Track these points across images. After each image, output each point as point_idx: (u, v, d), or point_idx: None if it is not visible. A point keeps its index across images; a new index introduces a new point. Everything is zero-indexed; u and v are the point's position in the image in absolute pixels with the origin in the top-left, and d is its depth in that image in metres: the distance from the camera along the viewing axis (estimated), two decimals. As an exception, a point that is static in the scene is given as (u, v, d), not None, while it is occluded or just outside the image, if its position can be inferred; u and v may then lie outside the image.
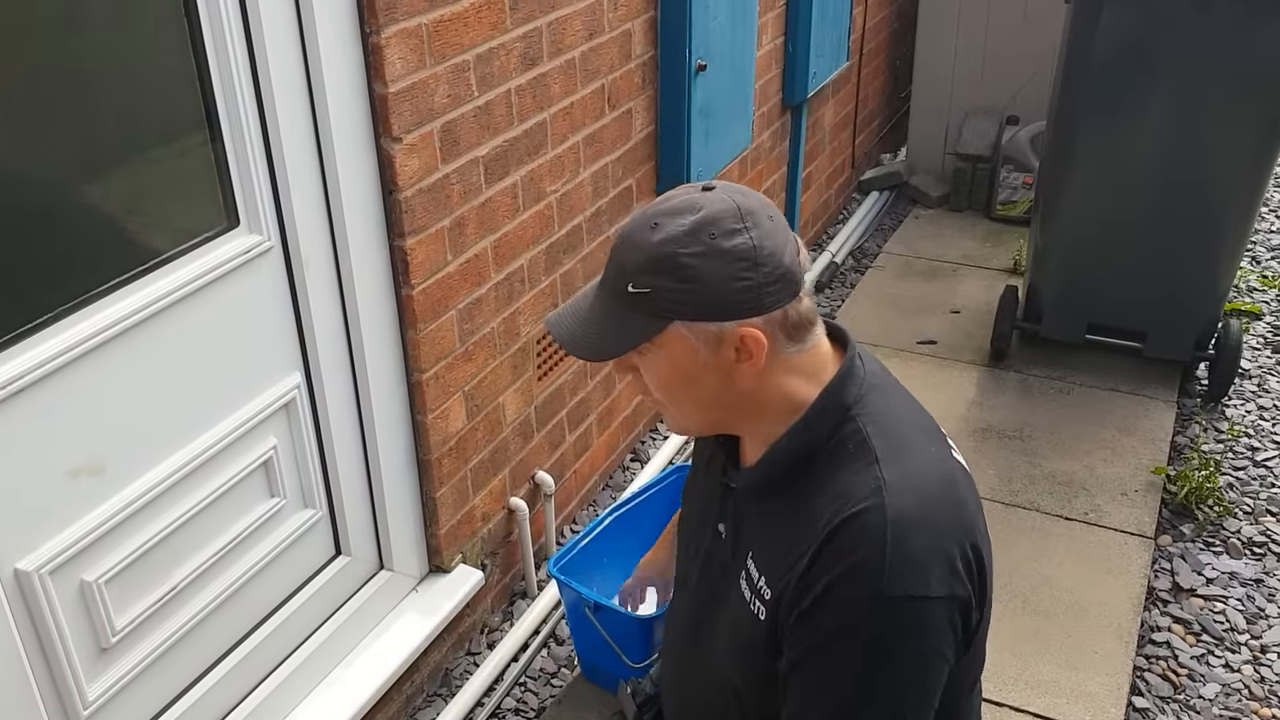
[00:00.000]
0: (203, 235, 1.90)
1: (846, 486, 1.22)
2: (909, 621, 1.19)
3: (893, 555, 1.17)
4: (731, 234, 1.18)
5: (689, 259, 1.18)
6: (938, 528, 1.21)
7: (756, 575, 1.31)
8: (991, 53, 4.91)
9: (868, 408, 1.27)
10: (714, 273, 1.18)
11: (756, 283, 1.19)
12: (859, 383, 1.28)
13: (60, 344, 1.67)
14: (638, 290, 1.20)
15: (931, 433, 1.33)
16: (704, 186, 1.24)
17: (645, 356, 1.25)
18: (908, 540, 1.18)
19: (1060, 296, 3.73)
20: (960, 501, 1.26)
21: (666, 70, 3.01)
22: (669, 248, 1.18)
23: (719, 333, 1.20)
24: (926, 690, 1.23)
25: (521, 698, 2.61)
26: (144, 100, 1.82)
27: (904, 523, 1.19)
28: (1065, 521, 3.11)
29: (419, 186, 2.20)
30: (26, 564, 1.71)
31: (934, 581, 1.19)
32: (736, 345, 1.21)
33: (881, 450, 1.24)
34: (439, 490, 2.49)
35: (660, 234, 1.19)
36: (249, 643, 2.17)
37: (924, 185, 5.16)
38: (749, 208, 1.21)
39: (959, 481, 1.28)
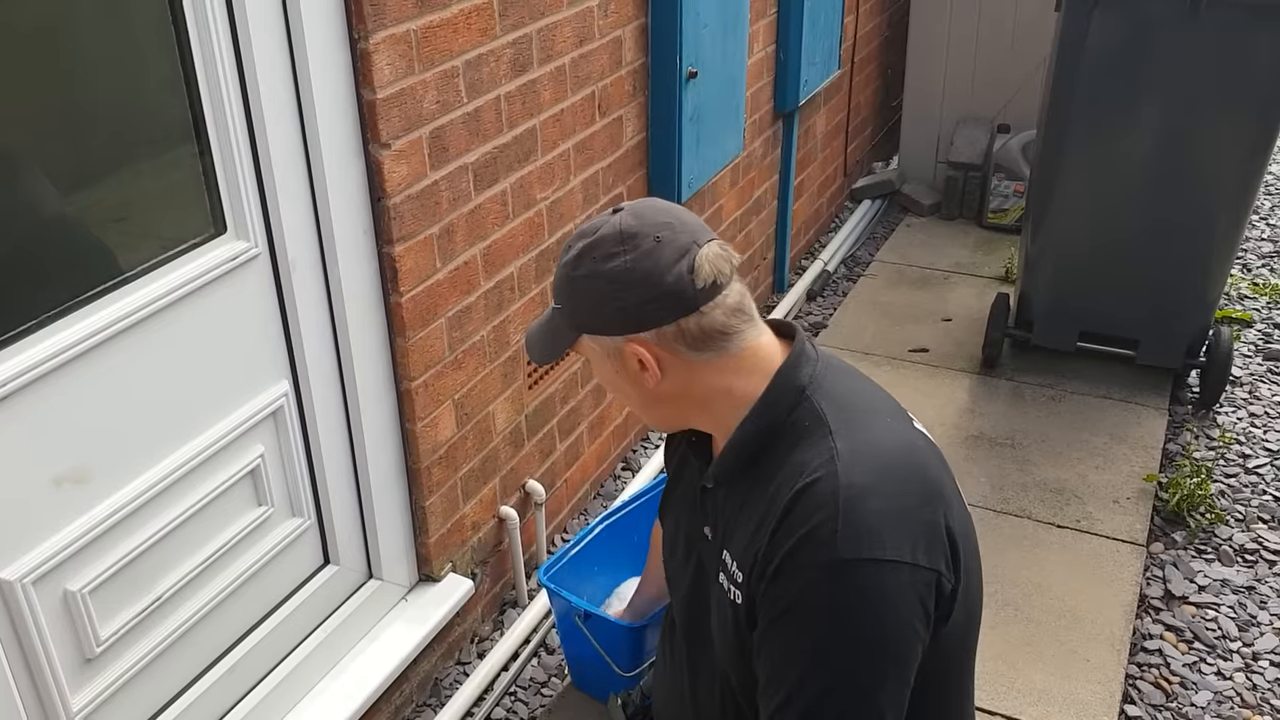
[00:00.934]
0: (189, 242, 1.89)
1: (803, 460, 1.26)
2: (865, 584, 1.20)
3: (845, 520, 1.19)
4: (610, 257, 1.27)
5: (577, 280, 1.30)
6: (894, 493, 1.23)
7: (730, 562, 1.34)
8: (983, 61, 4.93)
9: (822, 385, 1.31)
10: (593, 293, 1.29)
11: (631, 303, 1.27)
12: (811, 364, 1.33)
13: (45, 350, 1.66)
14: (556, 306, 1.35)
15: (889, 407, 1.36)
16: (614, 209, 1.33)
17: (583, 360, 1.40)
18: (860, 505, 1.20)
19: (1052, 304, 3.73)
20: (919, 468, 1.28)
21: (657, 77, 3.00)
22: (566, 270, 1.32)
23: (613, 346, 1.31)
24: (891, 659, 1.22)
25: (512, 707, 2.60)
26: (130, 106, 1.81)
27: (856, 488, 1.21)
28: (1057, 529, 3.11)
29: (407, 193, 2.19)
30: (9, 574, 1.69)
31: (889, 546, 1.20)
32: (635, 357, 1.29)
33: (835, 423, 1.27)
34: (428, 499, 2.48)
35: (566, 256, 1.33)
36: (236, 652, 2.15)
37: (916, 193, 5.17)
38: (633, 231, 1.28)
39: (921, 452, 1.31)
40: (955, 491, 1.31)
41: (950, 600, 1.26)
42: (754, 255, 4.11)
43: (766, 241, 4.22)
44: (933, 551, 1.23)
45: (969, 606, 1.32)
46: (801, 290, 4.39)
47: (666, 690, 1.62)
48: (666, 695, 1.62)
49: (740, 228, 3.90)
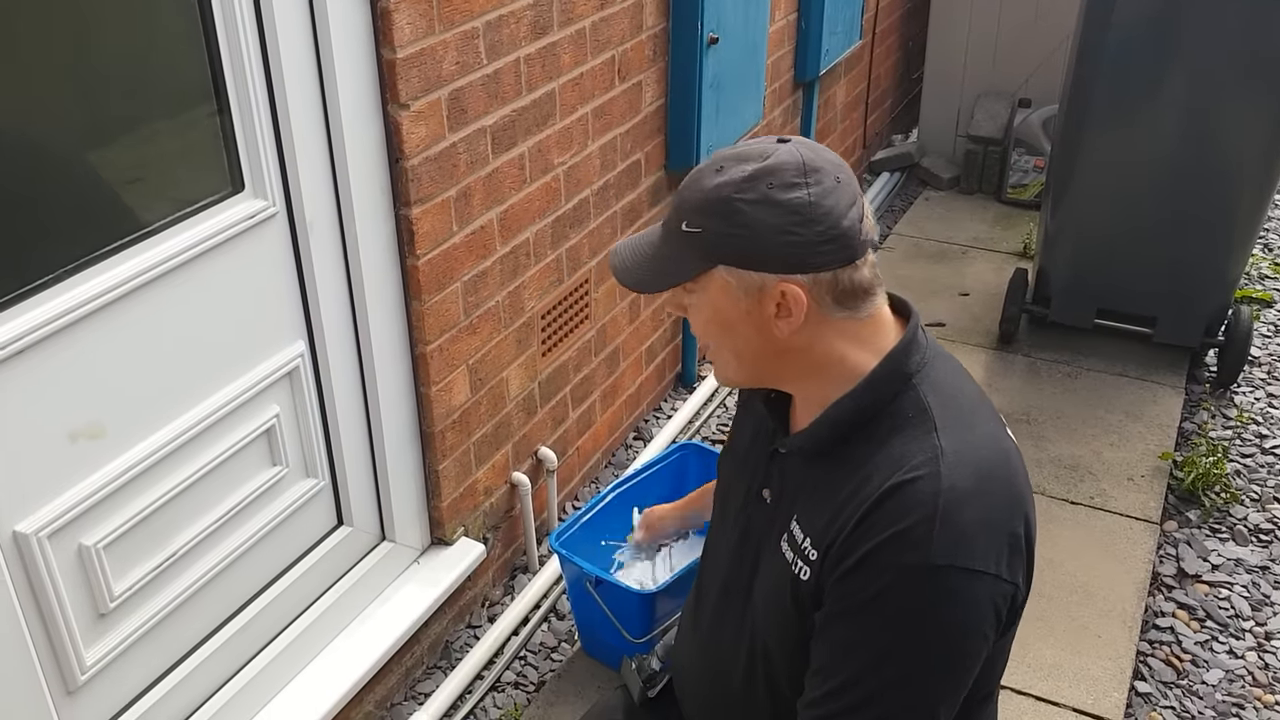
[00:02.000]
0: (207, 199, 1.88)
1: (903, 452, 1.21)
2: (951, 593, 1.17)
3: (942, 525, 1.16)
4: (790, 187, 1.18)
5: (742, 204, 1.19)
6: (991, 503, 1.20)
7: (801, 536, 1.30)
8: (1005, 35, 4.87)
9: (929, 377, 1.26)
10: (764, 222, 1.19)
11: (806, 240, 1.19)
12: (921, 351, 1.28)
13: (62, 305, 1.66)
14: (690, 229, 1.22)
15: (989, 409, 1.32)
16: (779, 139, 1.24)
17: (692, 296, 1.27)
18: (959, 512, 1.17)
19: (1070, 280, 3.71)
20: (1014, 480, 1.24)
21: (678, 43, 2.97)
22: (725, 191, 1.20)
23: (760, 283, 1.21)
24: (958, 667, 1.21)
25: (521, 671, 2.61)
26: (150, 63, 1.79)
27: (957, 492, 1.18)
28: (1071, 505, 3.10)
29: (426, 155, 2.17)
30: (25, 526, 1.69)
31: (980, 556, 1.17)
32: (777, 300, 1.21)
33: (941, 419, 1.23)
34: (442, 463, 2.48)
35: (722, 177, 1.21)
36: (248, 611, 2.16)
37: (935, 167, 5.13)
38: (815, 164, 1.20)
39: (1014, 460, 1.27)
40: (1033, 499, 1.29)
41: (1019, 611, 1.25)
42: (771, 226, 4.08)
43: (783, 212, 4.18)
44: (1014, 564, 1.21)
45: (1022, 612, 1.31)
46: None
47: (689, 649, 1.60)
48: (689, 654, 1.60)
49: (757, 198, 3.87)
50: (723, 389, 3.63)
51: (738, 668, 1.44)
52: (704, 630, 1.52)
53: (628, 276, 1.29)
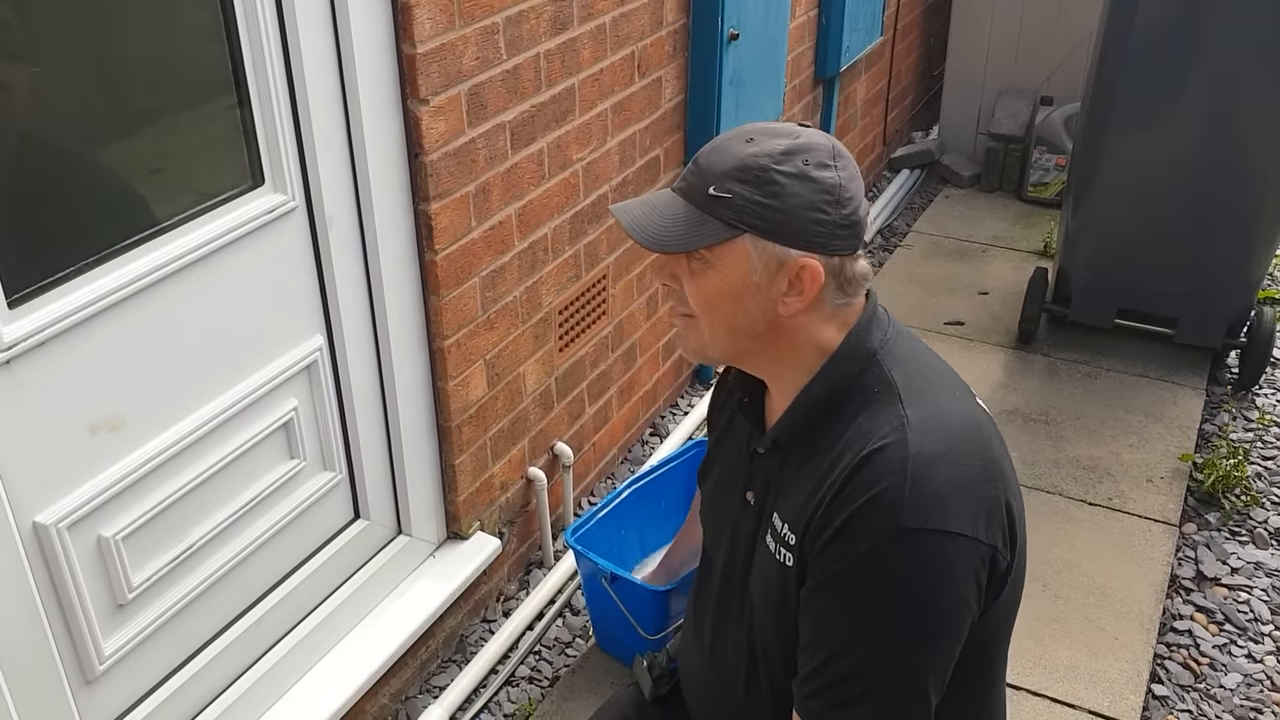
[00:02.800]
0: (227, 193, 1.89)
1: (871, 426, 1.23)
2: (927, 554, 1.18)
3: (913, 488, 1.18)
4: (823, 166, 1.21)
5: (780, 175, 1.20)
6: (961, 466, 1.21)
7: (780, 525, 1.31)
8: (1027, 32, 4.84)
9: (893, 352, 1.28)
10: (799, 196, 1.20)
11: (832, 220, 1.21)
12: (883, 328, 1.30)
13: (83, 298, 1.67)
14: (718, 194, 1.21)
15: (955, 380, 1.33)
16: (800, 124, 1.26)
17: (695, 264, 1.26)
18: (929, 475, 1.18)
19: (1091, 280, 3.68)
20: (985, 444, 1.25)
21: (698, 38, 2.97)
22: (762, 160, 1.20)
23: (781, 257, 1.22)
24: (940, 632, 1.21)
25: (536, 666, 2.61)
26: (172, 57, 1.80)
27: (925, 457, 1.19)
28: (1089, 506, 3.08)
29: (445, 150, 2.18)
30: (45, 518, 1.71)
31: (954, 517, 1.18)
32: (792, 276, 1.22)
33: (905, 391, 1.25)
34: (458, 457, 2.48)
35: (755, 148, 1.21)
36: (265, 603, 2.17)
37: (955, 164, 5.10)
38: (841, 151, 1.24)
39: (986, 428, 1.28)
40: (1013, 471, 1.29)
41: (1004, 577, 1.25)
42: (789, 223, 4.07)
43: (802, 209, 4.17)
44: (992, 527, 1.21)
45: (1017, 585, 1.31)
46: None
47: (693, 656, 1.62)
48: (692, 661, 1.62)
49: (776, 195, 3.86)
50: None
51: (740, 671, 1.45)
52: (705, 638, 1.54)
53: (647, 236, 1.25)
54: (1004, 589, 1.26)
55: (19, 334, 1.59)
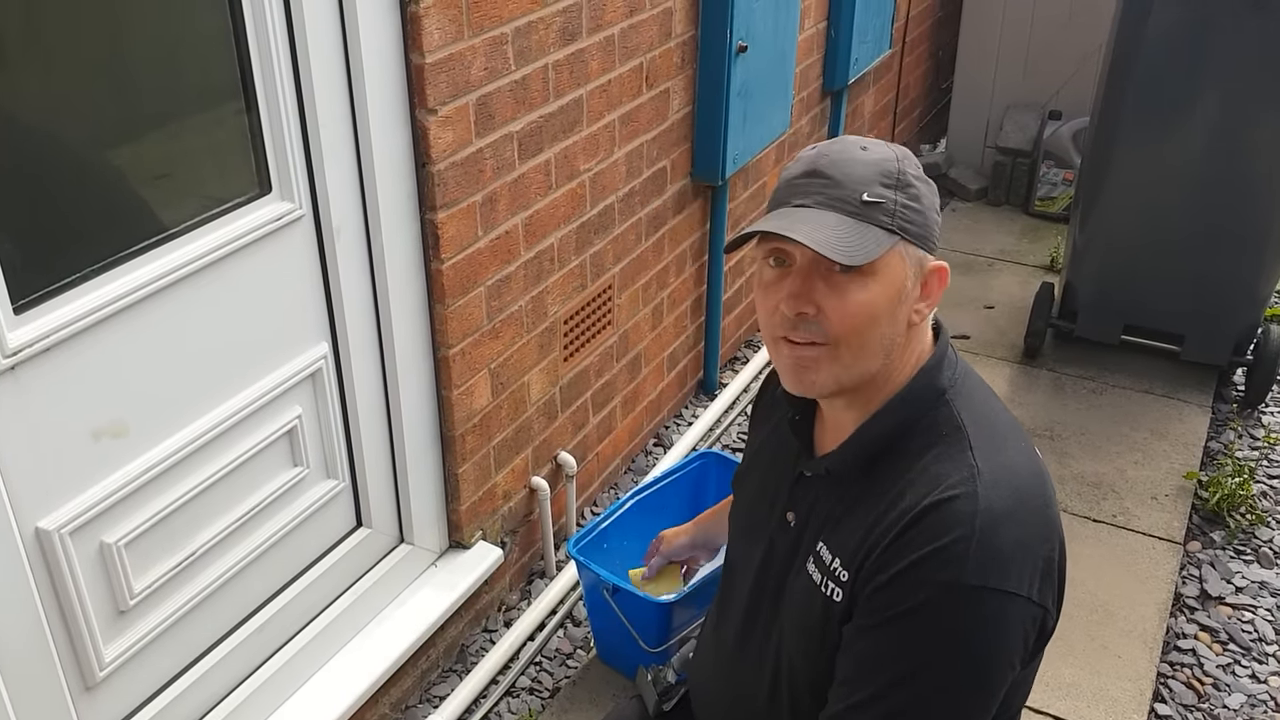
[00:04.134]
0: (234, 201, 1.89)
1: (938, 471, 1.20)
2: (985, 614, 1.16)
3: (980, 544, 1.15)
4: (921, 176, 1.22)
5: (914, 178, 1.20)
6: (1026, 526, 1.19)
7: (829, 558, 1.28)
8: (1036, 46, 4.84)
9: (962, 393, 1.25)
10: (928, 198, 1.21)
11: (936, 224, 1.23)
12: (952, 366, 1.27)
13: (89, 304, 1.67)
14: (872, 199, 1.17)
15: (1020, 431, 1.30)
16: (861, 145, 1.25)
17: (858, 278, 1.17)
18: (996, 533, 1.16)
19: (1097, 295, 3.68)
20: (1048, 504, 1.23)
21: (706, 50, 2.97)
22: (893, 165, 1.18)
23: (922, 261, 1.21)
24: (984, 688, 1.20)
25: (537, 677, 2.61)
26: (180, 64, 1.80)
27: (994, 513, 1.17)
28: (1093, 523, 3.07)
29: (452, 160, 2.18)
30: (48, 523, 1.70)
31: (1014, 578, 1.16)
32: (928, 277, 1.21)
33: (975, 438, 1.21)
34: (461, 466, 2.48)
35: (875, 154, 1.19)
36: (266, 611, 2.17)
37: (962, 178, 5.10)
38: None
39: (1048, 485, 1.26)
40: (1062, 526, 1.28)
41: (1048, 638, 1.24)
42: (796, 234, 4.07)
43: (809, 221, 4.17)
44: (1045, 589, 1.20)
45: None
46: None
47: (710, 670, 1.59)
48: (710, 674, 1.59)
49: (783, 206, 3.86)
50: (744, 396, 3.62)
51: (762, 690, 1.43)
52: (727, 653, 1.51)
53: (836, 250, 1.14)
54: (1044, 645, 1.26)
55: (24, 340, 1.59)
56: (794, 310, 1.19)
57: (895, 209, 1.17)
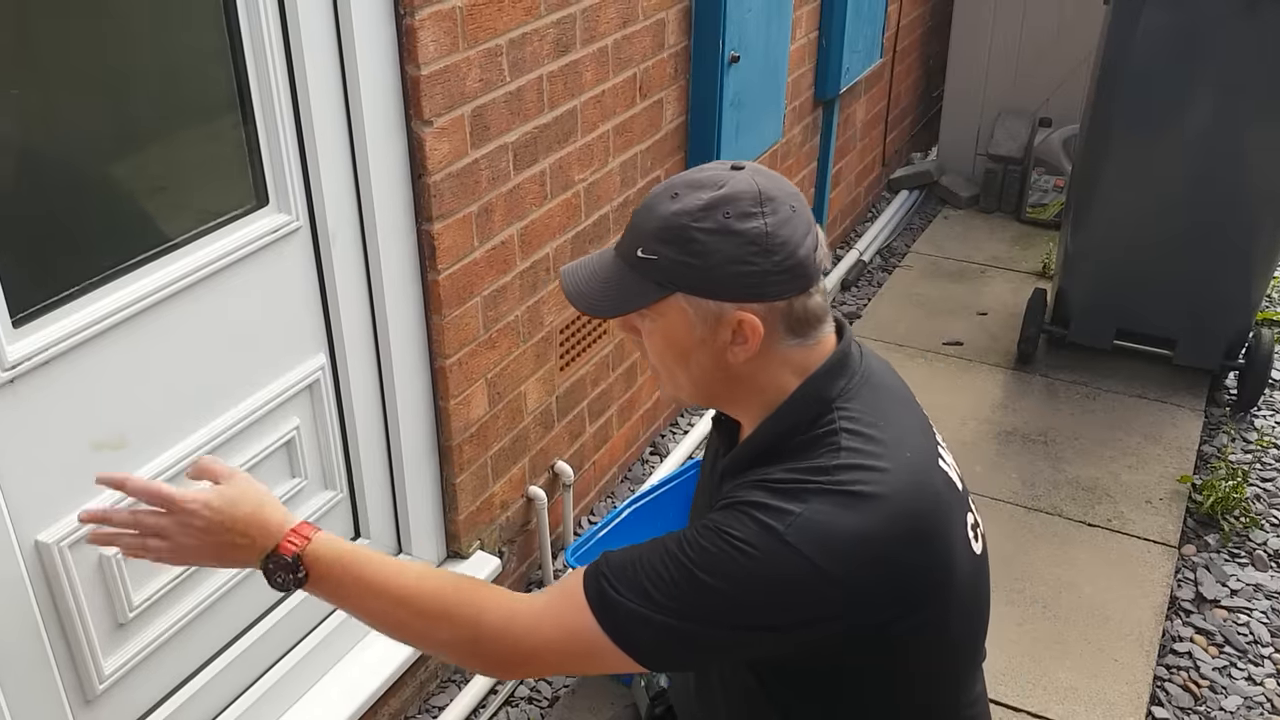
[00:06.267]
0: (231, 213, 1.90)
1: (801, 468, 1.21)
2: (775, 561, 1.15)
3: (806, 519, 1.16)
4: (746, 216, 1.18)
5: (699, 233, 1.18)
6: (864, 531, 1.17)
7: None
8: (1026, 53, 4.87)
9: (851, 402, 1.25)
10: (721, 251, 1.18)
11: (762, 269, 1.19)
12: (849, 376, 1.27)
13: (86, 317, 1.67)
14: (645, 255, 1.21)
15: (914, 442, 1.28)
16: (733, 165, 1.23)
17: (646, 322, 1.26)
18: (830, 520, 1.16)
19: (1089, 301, 3.70)
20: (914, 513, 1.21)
21: (699, 61, 2.99)
22: (682, 219, 1.19)
23: (718, 312, 1.21)
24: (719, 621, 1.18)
25: (535, 687, 2.61)
26: (177, 77, 1.81)
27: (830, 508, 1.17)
28: (1088, 528, 3.08)
29: (448, 171, 2.19)
30: (47, 536, 1.71)
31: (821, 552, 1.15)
32: (733, 328, 1.21)
33: (848, 444, 1.21)
34: (459, 476, 2.49)
35: (677, 204, 1.20)
36: (265, 622, 2.17)
37: (954, 185, 5.13)
38: (771, 194, 1.20)
39: (922, 492, 1.23)
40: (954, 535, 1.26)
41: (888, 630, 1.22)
42: (789, 243, 4.08)
43: (802, 229, 4.19)
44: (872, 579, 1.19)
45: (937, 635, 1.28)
46: (836, 280, 4.37)
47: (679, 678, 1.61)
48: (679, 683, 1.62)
49: (776, 215, 3.88)
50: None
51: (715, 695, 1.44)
52: None
53: (582, 301, 1.26)
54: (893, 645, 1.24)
55: (23, 353, 1.59)
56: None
57: (668, 265, 1.20)
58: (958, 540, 1.27)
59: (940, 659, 1.32)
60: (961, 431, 3.46)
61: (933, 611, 1.24)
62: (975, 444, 3.40)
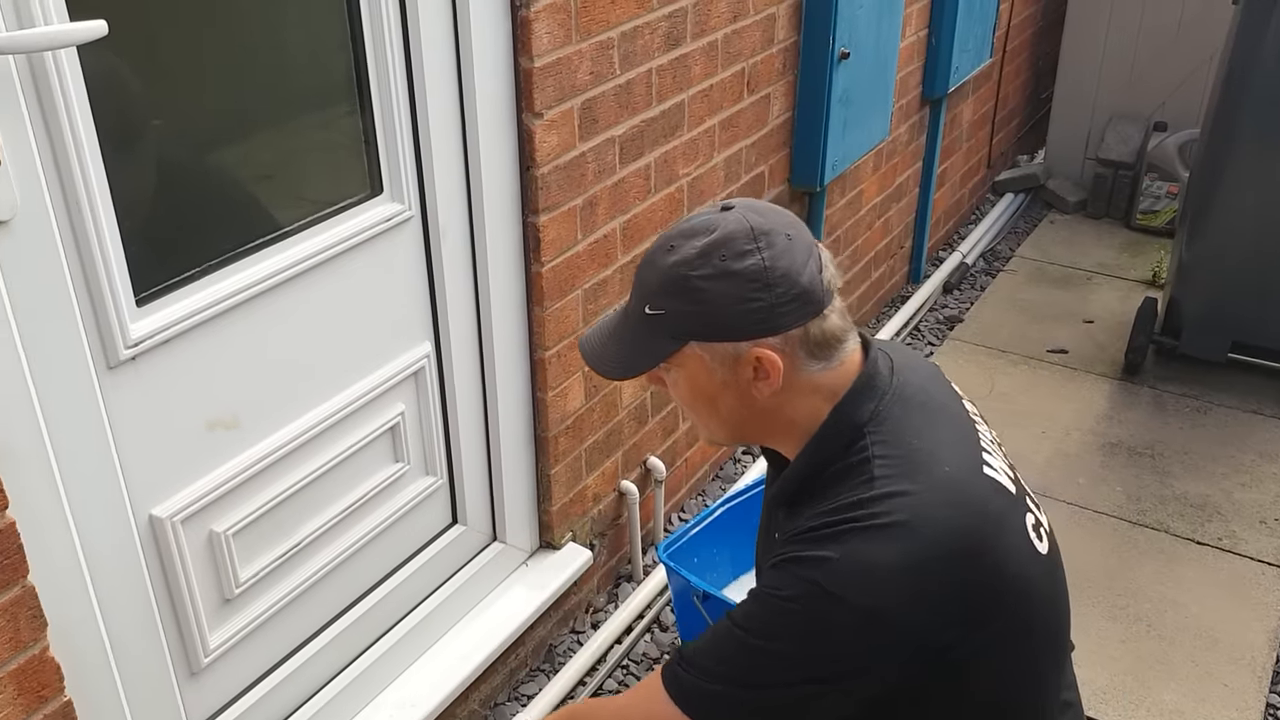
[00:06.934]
0: (347, 201, 1.93)
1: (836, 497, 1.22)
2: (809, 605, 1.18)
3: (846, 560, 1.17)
4: (743, 255, 1.20)
5: (700, 281, 1.20)
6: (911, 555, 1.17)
7: None
8: (1143, 54, 4.71)
9: (885, 424, 1.25)
10: (725, 294, 1.20)
11: (769, 303, 1.20)
12: (877, 397, 1.26)
13: (206, 299, 1.71)
14: (653, 311, 1.24)
15: (953, 448, 1.27)
16: (723, 206, 1.25)
17: (669, 374, 1.29)
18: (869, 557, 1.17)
19: (1204, 312, 3.57)
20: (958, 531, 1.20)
21: (808, 57, 2.95)
22: (681, 270, 1.21)
23: (734, 352, 1.23)
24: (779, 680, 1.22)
25: (623, 680, 2.61)
26: (298, 66, 1.85)
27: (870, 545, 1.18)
28: (1196, 546, 2.98)
29: (556, 164, 2.19)
30: (160, 511, 1.75)
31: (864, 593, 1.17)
32: (753, 365, 1.22)
33: (881, 471, 1.21)
34: (554, 467, 2.50)
35: (674, 256, 1.22)
36: (364, 604, 2.20)
37: (1061, 190, 4.99)
38: (764, 228, 1.21)
39: (966, 508, 1.22)
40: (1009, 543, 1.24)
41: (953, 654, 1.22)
42: (891, 244, 4.02)
43: (905, 230, 4.13)
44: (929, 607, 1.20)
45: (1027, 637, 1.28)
46: (938, 282, 4.29)
47: None
48: None
49: (879, 214, 3.82)
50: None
51: None
52: None
53: (601, 365, 1.30)
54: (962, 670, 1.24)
55: (145, 331, 1.64)
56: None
57: (676, 318, 1.22)
58: (1014, 548, 1.25)
59: (1019, 662, 1.30)
60: (1065, 442, 3.37)
61: (1001, 624, 1.23)
62: (1079, 455, 3.31)
